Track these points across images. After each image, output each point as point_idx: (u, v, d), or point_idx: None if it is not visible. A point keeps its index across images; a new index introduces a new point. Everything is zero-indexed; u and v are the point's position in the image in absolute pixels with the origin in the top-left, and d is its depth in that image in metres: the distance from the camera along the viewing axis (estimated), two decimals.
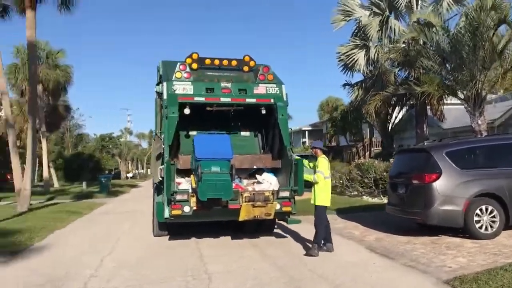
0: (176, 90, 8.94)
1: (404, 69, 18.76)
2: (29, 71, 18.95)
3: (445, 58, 16.62)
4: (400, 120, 23.12)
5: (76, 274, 7.00)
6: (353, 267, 7.10)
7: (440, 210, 8.67)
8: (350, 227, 11.10)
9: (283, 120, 8.99)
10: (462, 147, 9.33)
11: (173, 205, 8.19)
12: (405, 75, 19.15)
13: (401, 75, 19.79)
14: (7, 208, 18.23)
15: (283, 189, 8.63)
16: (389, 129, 22.48)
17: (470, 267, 6.71)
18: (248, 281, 6.31)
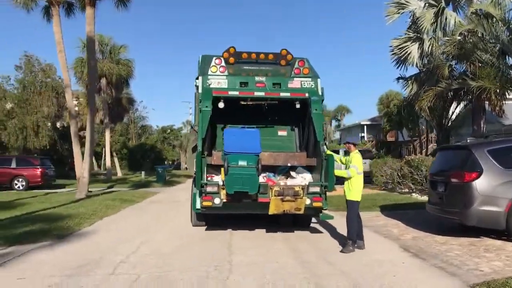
0: (211, 84, 9.11)
1: (459, 63, 17.92)
2: (88, 65, 19.92)
3: (504, 51, 15.77)
4: (458, 115, 22.11)
5: (109, 260, 7.35)
6: (379, 266, 6.96)
7: (480, 211, 8.28)
8: (390, 225, 10.85)
9: (316, 115, 8.92)
10: (506, 145, 8.82)
11: (204, 197, 8.40)
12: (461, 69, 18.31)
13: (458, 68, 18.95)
14: (67, 195, 19.33)
15: (313, 184, 8.59)
16: (445, 125, 21.56)
17: (504, 272, 6.41)
18: (267, 275, 6.36)
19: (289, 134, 10.21)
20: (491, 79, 15.34)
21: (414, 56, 18.49)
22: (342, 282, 6.03)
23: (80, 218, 12.01)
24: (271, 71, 9.55)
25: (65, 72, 21.22)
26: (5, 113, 30.69)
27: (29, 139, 29.72)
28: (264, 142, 9.86)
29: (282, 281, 6.07)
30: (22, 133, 29.59)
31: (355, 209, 8.20)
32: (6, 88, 31.63)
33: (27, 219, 11.73)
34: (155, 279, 6.16)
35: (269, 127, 10.13)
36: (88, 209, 14.08)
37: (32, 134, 29.73)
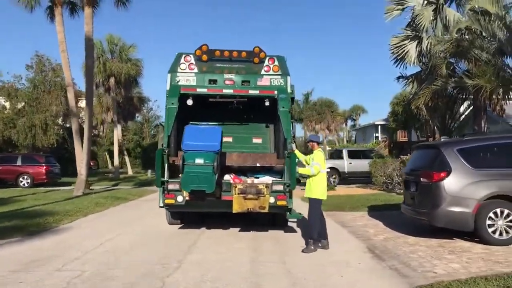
0: (179, 81, 9.07)
1: (457, 61, 17.52)
2: (86, 64, 20.11)
3: (501, 49, 15.36)
4: (461, 115, 21.61)
5: (65, 256, 7.38)
6: (332, 266, 6.81)
7: (448, 212, 8.05)
8: (370, 226, 10.66)
9: (283, 113, 8.79)
10: (476, 144, 8.56)
11: (167, 194, 8.37)
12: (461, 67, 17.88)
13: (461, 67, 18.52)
14: (66, 193, 19.53)
15: (276, 183, 8.47)
16: (448, 125, 21.10)
17: (457, 274, 6.21)
18: (210, 273, 6.29)
19: (264, 139, 10.07)
20: (487, 78, 14.93)
21: (412, 55, 18.14)
22: (281, 282, 5.92)
23: (63, 215, 12.14)
24: (241, 69, 9.46)
25: (67, 71, 21.42)
26: (15, 112, 31.25)
27: (37, 137, 30.20)
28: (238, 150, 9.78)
29: (221, 280, 5.98)
30: (31, 131, 30.08)
31: (318, 207, 8.05)
32: (18, 87, 32.16)
33: (10, 215, 11.92)
34: (94, 276, 6.14)
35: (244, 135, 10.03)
36: (76, 206, 14.22)
37: (41, 132, 30.21)
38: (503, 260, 6.95)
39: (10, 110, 31.39)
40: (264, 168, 9.53)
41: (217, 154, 8.04)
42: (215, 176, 7.84)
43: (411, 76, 20.09)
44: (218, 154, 8.11)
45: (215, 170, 7.82)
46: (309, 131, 52.59)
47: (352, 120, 77.92)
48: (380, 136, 52.56)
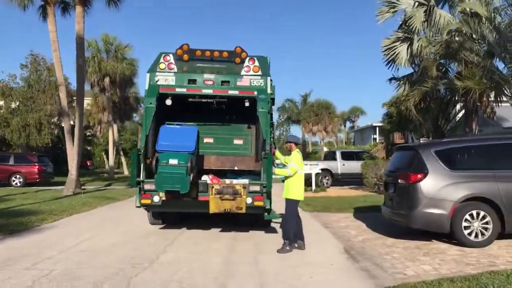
0: (158, 81, 9.05)
1: (447, 63, 17.50)
2: (77, 64, 20.10)
3: (491, 51, 15.35)
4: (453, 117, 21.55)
5: (38, 255, 7.39)
6: (305, 267, 6.81)
7: (425, 214, 8.04)
8: (352, 227, 10.65)
9: (262, 113, 8.77)
10: (454, 146, 8.55)
11: (143, 195, 8.36)
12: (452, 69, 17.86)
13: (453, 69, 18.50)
14: (57, 192, 19.51)
15: (253, 183, 8.45)
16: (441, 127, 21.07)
17: (425, 276, 6.20)
18: (179, 273, 6.28)
19: (246, 141, 10.03)
20: (476, 80, 14.92)
21: (403, 57, 18.06)
22: (249, 283, 5.90)
23: (48, 214, 12.14)
24: (221, 69, 9.44)
25: (59, 71, 21.42)
26: (9, 111, 31.25)
27: (32, 136, 30.20)
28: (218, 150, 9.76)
29: (188, 280, 5.97)
30: (25, 131, 30.10)
31: (294, 208, 8.04)
32: (12, 86, 32.17)
33: None
34: (62, 275, 6.13)
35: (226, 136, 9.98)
36: (63, 205, 14.23)
37: (35, 131, 30.22)
38: (475, 262, 6.95)
39: (4, 109, 31.37)
40: (244, 170, 9.52)
41: (192, 154, 8.03)
42: (189, 177, 7.82)
43: (403, 78, 20.01)
44: (193, 155, 8.09)
45: (189, 171, 7.79)
46: (307, 132, 52.62)
47: (351, 122, 77.98)
48: (378, 138, 52.56)
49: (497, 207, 7.88)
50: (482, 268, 6.48)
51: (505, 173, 7.99)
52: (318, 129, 48.99)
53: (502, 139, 8.65)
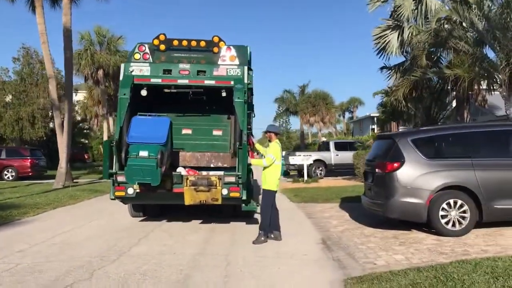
0: (132, 72, 8.91)
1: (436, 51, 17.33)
2: (64, 56, 19.96)
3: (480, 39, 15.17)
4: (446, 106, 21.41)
5: (10, 249, 7.32)
6: (276, 258, 6.74)
7: (401, 203, 7.93)
8: (335, 217, 10.56)
9: (238, 103, 8.63)
10: (430, 134, 8.43)
11: (117, 187, 8.26)
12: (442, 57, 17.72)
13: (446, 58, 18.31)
14: (46, 186, 19.46)
15: (228, 174, 8.34)
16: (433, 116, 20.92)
17: (395, 266, 6.13)
18: (146, 265, 6.22)
19: (225, 132, 9.88)
20: (466, 68, 14.77)
21: (393, 45, 17.95)
22: (213, 274, 5.83)
23: (31, 208, 12.08)
24: (198, 59, 9.29)
25: (49, 63, 21.28)
26: (2, 105, 31.12)
27: (25, 130, 30.09)
28: (197, 142, 9.64)
29: (152, 272, 5.90)
30: (18, 124, 29.98)
31: (270, 199, 7.94)
32: (5, 80, 32.02)
33: None
34: (26, 268, 6.07)
35: (204, 127, 9.85)
36: (49, 199, 14.17)
37: (28, 125, 30.10)
38: (449, 251, 6.86)
39: None
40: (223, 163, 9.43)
41: (163, 146, 7.89)
42: (160, 169, 7.69)
43: (394, 67, 19.90)
44: (165, 146, 7.97)
45: (160, 163, 7.66)
46: (304, 123, 52.50)
47: (349, 112, 77.76)
48: (376, 128, 52.35)
49: (474, 195, 7.77)
50: (454, 257, 6.39)
51: (483, 161, 7.88)
52: (315, 120, 48.86)
53: (479, 127, 8.53)
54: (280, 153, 8.06)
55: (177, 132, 9.59)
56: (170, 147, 8.57)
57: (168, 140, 8.14)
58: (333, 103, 50.68)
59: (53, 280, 5.48)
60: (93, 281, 5.45)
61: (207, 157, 9.12)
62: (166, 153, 8.11)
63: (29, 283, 5.39)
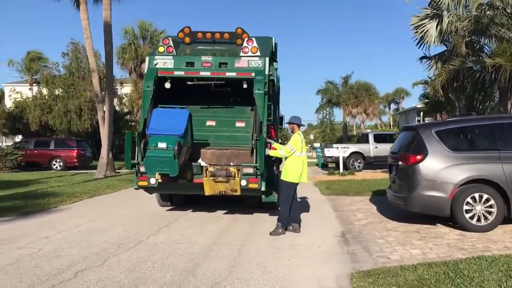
0: (157, 65, 9.09)
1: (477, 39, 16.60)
2: (105, 50, 20.58)
3: None
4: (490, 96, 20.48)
5: (37, 235, 7.68)
6: (288, 250, 6.73)
7: (423, 196, 7.72)
8: (361, 210, 10.41)
9: (258, 95, 8.62)
10: (455, 125, 8.10)
11: (140, 177, 8.48)
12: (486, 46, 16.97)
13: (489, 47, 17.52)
14: (89, 175, 20.23)
15: (246, 165, 8.35)
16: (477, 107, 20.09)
17: (408, 260, 5.99)
18: (159, 253, 6.37)
19: (248, 123, 9.86)
20: (507, 56, 14.11)
21: (432, 34, 17.30)
22: (222, 263, 5.90)
23: (68, 196, 12.60)
24: (220, 51, 9.36)
25: (92, 58, 22.08)
26: (53, 98, 32.50)
27: (72, 122, 31.30)
28: (220, 134, 9.67)
29: (164, 259, 6.05)
30: (66, 116, 31.22)
31: (290, 191, 7.90)
32: (55, 74, 33.41)
33: (18, 196, 12.47)
34: (47, 254, 6.35)
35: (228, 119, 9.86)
36: (87, 188, 14.75)
37: (76, 117, 31.28)
38: (469, 246, 6.62)
39: (48, 96, 32.66)
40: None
41: (181, 138, 7.97)
42: (178, 160, 7.78)
43: (435, 57, 19.24)
44: (183, 138, 8.04)
45: (177, 154, 7.75)
46: (346, 115, 51.85)
47: (395, 104, 75.96)
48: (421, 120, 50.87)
49: (502, 190, 7.45)
50: (473, 253, 6.17)
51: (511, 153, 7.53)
52: (358, 112, 48.18)
53: (508, 118, 8.14)
54: (300, 144, 7.97)
55: (201, 124, 9.70)
56: (191, 139, 8.67)
57: (187, 131, 8.23)
58: (377, 94, 49.73)
59: (67, 266, 5.71)
60: (104, 268, 5.64)
61: (227, 155, 9.08)
62: (185, 145, 8.22)
63: (44, 267, 5.64)
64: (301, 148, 7.97)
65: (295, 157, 7.91)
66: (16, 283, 5.03)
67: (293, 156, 7.91)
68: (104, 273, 5.43)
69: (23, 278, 5.22)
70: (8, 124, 33.63)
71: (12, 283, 5.05)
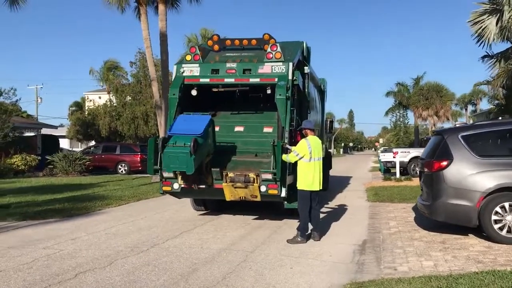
0: (184, 72, 9.33)
1: None
2: (161, 59, 21.34)
3: None
4: None
5: (66, 236, 8.16)
6: (297, 257, 6.65)
7: (448, 205, 7.30)
8: (397, 218, 9.99)
9: (280, 100, 8.58)
10: (484, 130, 7.56)
11: (164, 182, 8.74)
12: None
13: None
14: (147, 179, 21.03)
15: (265, 171, 8.31)
16: None
17: (415, 272, 5.72)
18: (166, 257, 6.53)
19: (275, 129, 9.78)
20: None
21: (492, 31, 16.24)
22: (220, 269, 5.95)
23: (115, 200, 13.22)
24: (249, 57, 9.43)
25: (152, 66, 22.98)
26: (122, 105, 34.24)
27: (139, 128, 32.76)
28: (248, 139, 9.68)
29: (167, 263, 6.20)
30: (134, 123, 32.73)
31: (303, 199, 7.76)
32: (123, 82, 35.19)
33: (70, 199, 13.26)
34: (64, 255, 6.72)
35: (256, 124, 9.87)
36: (137, 191, 15.38)
37: (142, 123, 32.72)
38: (490, 260, 6.17)
39: (117, 104, 34.45)
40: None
41: (200, 137, 8.04)
42: (194, 157, 7.83)
43: (497, 55, 18.05)
44: (202, 138, 8.10)
45: (193, 151, 7.79)
46: (417, 117, 49.83)
47: (473, 105, 71.98)
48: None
49: None
50: (490, 267, 5.76)
51: None
52: (429, 114, 46.12)
53: None
54: (307, 150, 7.71)
55: (230, 130, 9.81)
56: (213, 144, 8.78)
57: (207, 134, 8.30)
58: (449, 95, 47.30)
59: (73, 267, 6.01)
60: (106, 270, 5.88)
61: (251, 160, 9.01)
62: (205, 147, 8.28)
63: (53, 268, 5.99)
64: (309, 154, 7.74)
65: (304, 163, 7.73)
66: (19, 282, 5.38)
67: (302, 162, 7.74)
68: (103, 275, 5.66)
69: (28, 277, 5.57)
70: (82, 130, 35.87)
71: (15, 281, 5.41)
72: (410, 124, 74.37)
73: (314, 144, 7.84)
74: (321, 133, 15.06)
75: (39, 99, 53.96)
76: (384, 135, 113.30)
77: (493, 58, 18.30)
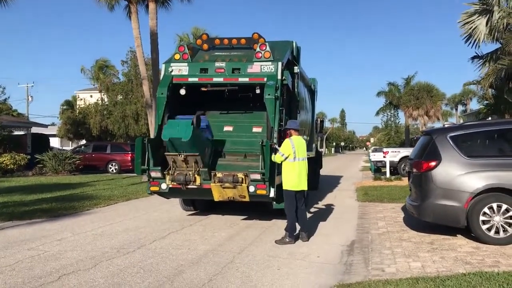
0: (172, 71, 9.25)
1: None
2: (151, 58, 21.21)
3: None
4: None
5: (53, 236, 8.07)
6: (284, 258, 6.61)
7: (436, 205, 7.28)
8: (386, 218, 9.98)
9: (268, 100, 8.53)
10: (472, 130, 7.56)
11: (152, 182, 8.66)
12: None
13: None
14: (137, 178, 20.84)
15: (253, 171, 8.26)
16: None
17: (402, 274, 5.68)
18: (152, 259, 6.45)
19: (265, 128, 9.72)
20: None
21: (481, 31, 16.33)
22: (206, 270, 5.87)
23: (104, 199, 13.11)
24: (238, 56, 9.36)
25: (142, 65, 22.85)
26: (113, 104, 34.04)
27: (130, 127, 32.58)
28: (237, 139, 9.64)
29: (153, 265, 6.13)
30: (124, 122, 32.55)
31: (289, 199, 7.72)
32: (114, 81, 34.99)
33: (58, 198, 13.13)
34: (47, 256, 6.62)
35: (245, 124, 9.82)
36: (127, 191, 15.27)
37: (133, 122, 32.54)
38: (477, 261, 6.16)
39: (108, 102, 34.26)
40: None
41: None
42: (194, 127, 7.87)
43: (486, 55, 18.13)
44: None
45: (195, 123, 7.94)
46: (407, 117, 50.01)
47: (463, 105, 72.43)
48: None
49: None
50: (478, 268, 5.75)
51: None
52: (419, 114, 46.26)
53: None
54: (291, 150, 7.66)
55: (219, 129, 9.75)
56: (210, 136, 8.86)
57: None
58: (439, 96, 47.48)
59: (57, 269, 5.92)
60: (90, 272, 5.79)
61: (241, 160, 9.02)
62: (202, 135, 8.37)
63: (36, 270, 5.88)
64: (293, 154, 7.70)
65: (288, 163, 7.70)
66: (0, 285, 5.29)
67: (287, 162, 7.70)
68: (87, 277, 5.58)
69: (10, 280, 5.47)
70: (72, 129, 35.63)
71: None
72: (401, 123, 74.57)
73: (298, 144, 7.80)
74: (311, 133, 15.06)
75: (30, 97, 53.49)
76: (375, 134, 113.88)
77: (482, 59, 18.40)
